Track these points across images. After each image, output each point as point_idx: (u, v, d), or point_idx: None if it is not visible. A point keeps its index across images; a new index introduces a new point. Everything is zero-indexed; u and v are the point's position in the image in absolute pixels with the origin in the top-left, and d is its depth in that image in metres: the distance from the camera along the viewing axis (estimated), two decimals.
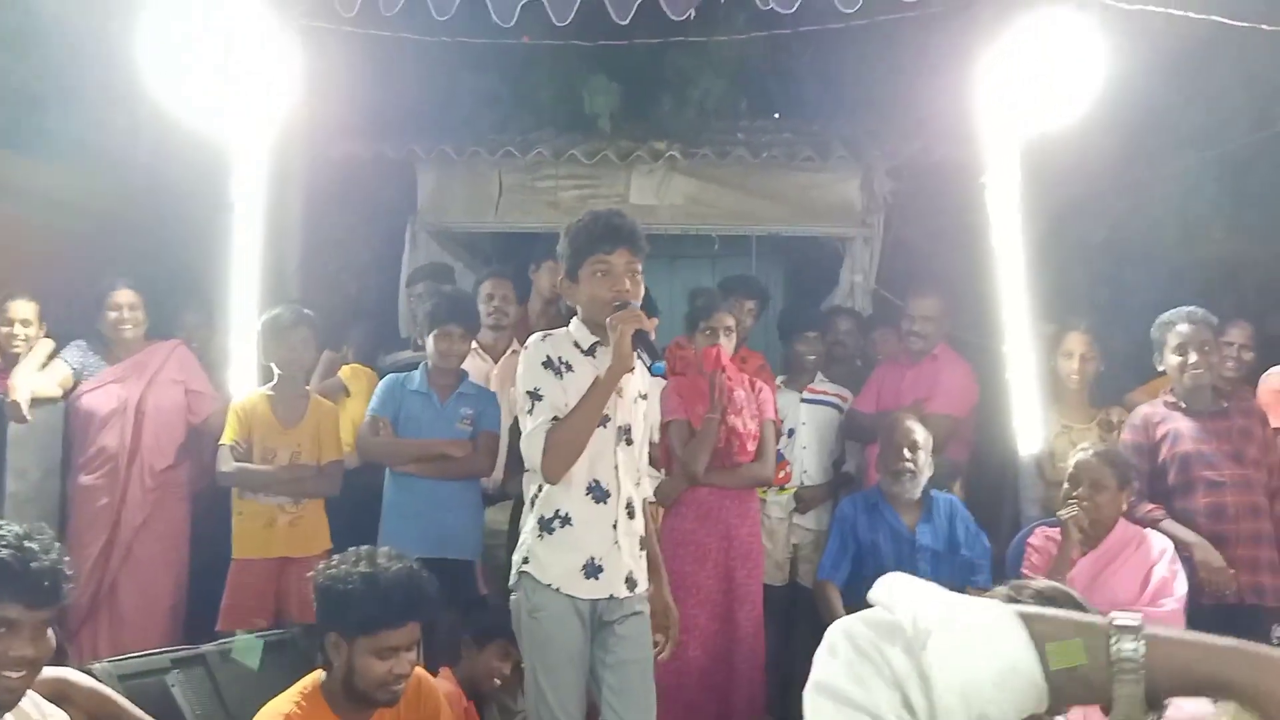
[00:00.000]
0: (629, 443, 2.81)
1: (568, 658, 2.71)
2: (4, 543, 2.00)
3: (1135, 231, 4.85)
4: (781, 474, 4.40)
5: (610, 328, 2.65)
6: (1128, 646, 0.90)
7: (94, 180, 4.56)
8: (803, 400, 4.57)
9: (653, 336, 2.68)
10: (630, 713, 2.76)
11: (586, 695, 2.80)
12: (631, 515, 2.81)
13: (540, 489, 2.76)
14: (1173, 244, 4.79)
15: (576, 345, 2.77)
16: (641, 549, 2.87)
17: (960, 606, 0.94)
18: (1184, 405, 3.73)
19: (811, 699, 0.95)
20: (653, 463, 3.97)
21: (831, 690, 0.94)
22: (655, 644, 2.90)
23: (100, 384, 4.25)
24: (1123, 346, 4.46)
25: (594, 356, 2.76)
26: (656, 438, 4.07)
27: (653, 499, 3.15)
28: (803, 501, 4.47)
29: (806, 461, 4.51)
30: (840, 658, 0.95)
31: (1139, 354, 4.20)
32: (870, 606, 0.99)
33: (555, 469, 2.68)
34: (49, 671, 2.60)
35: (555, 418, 2.68)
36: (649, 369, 2.71)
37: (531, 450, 2.68)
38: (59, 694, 2.55)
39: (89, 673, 2.75)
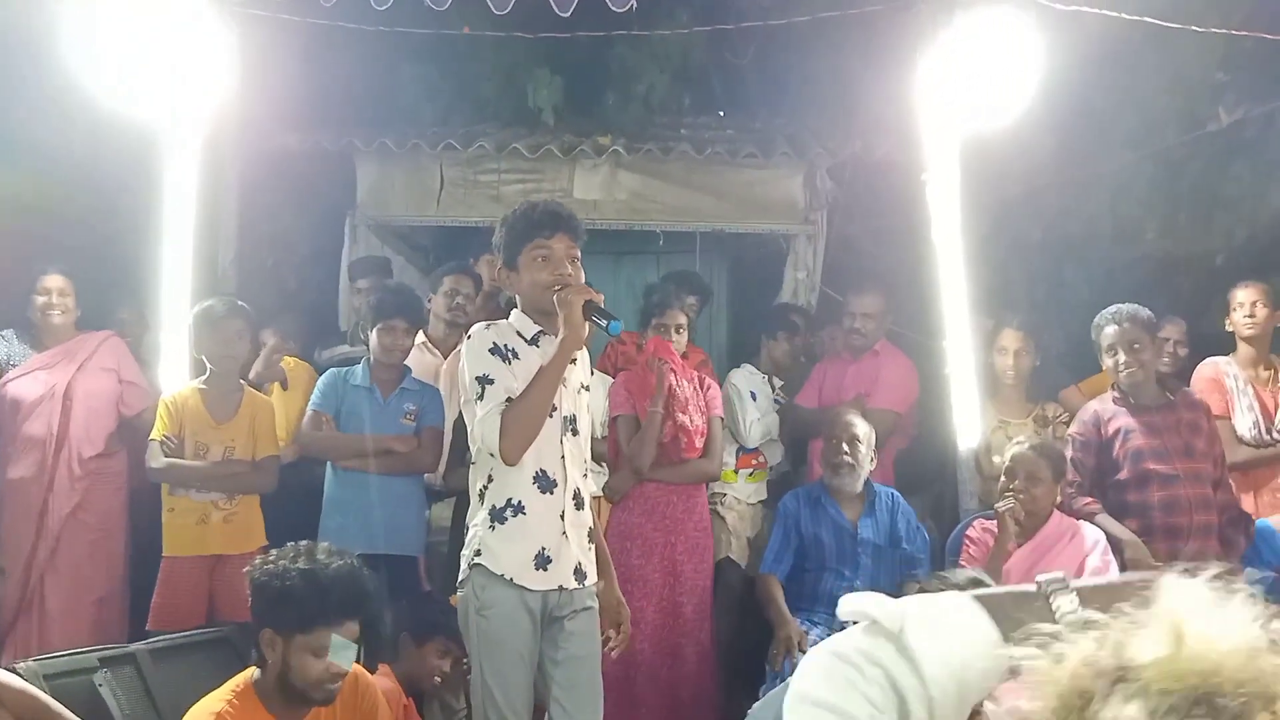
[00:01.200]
0: (574, 433, 2.80)
1: (517, 656, 2.68)
2: None
3: (1071, 230, 4.95)
4: (757, 461, 4.47)
5: (560, 303, 2.64)
6: (1065, 601, 0.97)
7: (22, 173, 4.43)
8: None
9: (601, 305, 2.67)
10: (579, 709, 2.75)
11: (533, 691, 2.78)
12: (579, 506, 2.79)
13: (489, 481, 2.73)
14: (1107, 242, 4.89)
15: (519, 335, 2.75)
16: (590, 542, 2.85)
17: (922, 600, 1.04)
18: (1131, 401, 3.80)
19: (790, 708, 1.02)
20: (598, 458, 3.97)
21: (808, 697, 1.01)
22: (606, 640, 2.89)
23: (27, 371, 4.14)
24: (1059, 343, 4.54)
25: (537, 345, 2.74)
26: (600, 432, 4.06)
27: (599, 493, 3.14)
28: None
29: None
30: (820, 667, 1.03)
31: (1075, 350, 4.28)
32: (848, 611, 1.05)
33: (514, 449, 2.64)
34: None
35: (509, 399, 2.65)
36: (607, 330, 2.69)
37: (488, 433, 2.63)
38: None
39: (14, 672, 2.68)
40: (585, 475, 2.86)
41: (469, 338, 2.76)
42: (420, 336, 4.24)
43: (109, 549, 4.14)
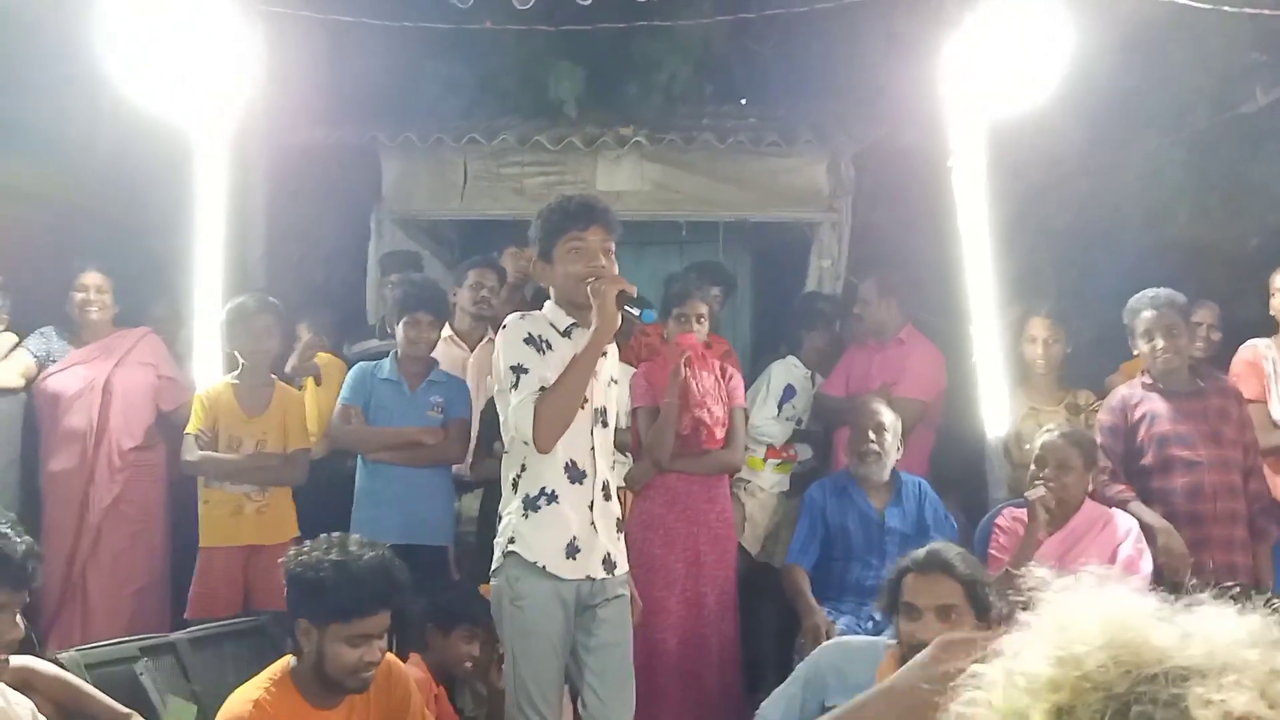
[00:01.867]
0: (604, 425, 2.83)
1: (549, 645, 2.72)
2: None
3: (1100, 215, 4.89)
4: (787, 454, 4.47)
5: (593, 293, 2.67)
6: None
7: (55, 170, 4.49)
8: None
9: (634, 295, 2.69)
10: (612, 696, 2.80)
11: (565, 679, 2.82)
12: (608, 497, 2.83)
13: (523, 470, 2.76)
14: (1138, 227, 4.83)
15: (553, 326, 2.78)
16: (619, 532, 2.88)
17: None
18: (1161, 386, 3.77)
19: None
20: (621, 447, 3.98)
21: None
22: None
23: (66, 366, 4.21)
24: (1090, 329, 4.50)
25: (570, 338, 2.77)
26: (624, 423, 4.08)
27: (622, 484, 3.17)
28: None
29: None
30: None
31: (1106, 337, 4.24)
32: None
33: (547, 437, 2.66)
34: (12, 659, 2.59)
35: (543, 389, 2.68)
36: (639, 318, 2.71)
37: (521, 421, 2.66)
38: (23, 682, 2.55)
39: (56, 662, 2.74)
40: (613, 467, 2.89)
41: (504, 328, 2.79)
42: (447, 330, 4.27)
43: (149, 540, 4.21)
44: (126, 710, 2.68)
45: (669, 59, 5.25)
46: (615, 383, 2.93)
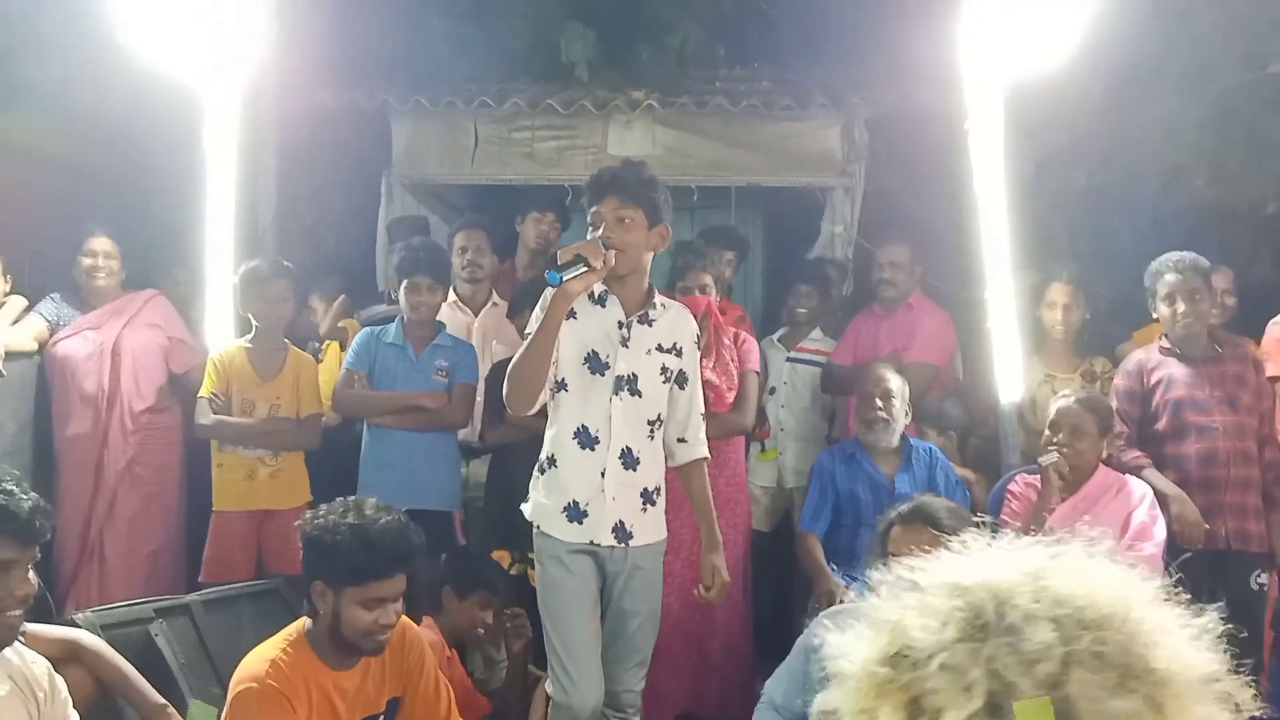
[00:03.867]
0: (635, 394, 2.83)
1: (567, 602, 2.79)
2: None
3: (1117, 178, 4.82)
4: (763, 429, 4.43)
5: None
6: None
7: (66, 133, 4.47)
8: (787, 359, 4.60)
9: (598, 264, 2.68)
10: (617, 661, 2.87)
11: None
12: (630, 467, 2.84)
13: (547, 432, 2.88)
14: (1155, 191, 4.77)
15: (589, 293, 2.82)
16: (646, 504, 2.89)
17: None
18: (1178, 351, 3.74)
19: None
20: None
21: None
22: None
23: (76, 331, 4.20)
24: (1105, 295, 4.46)
25: (603, 306, 2.85)
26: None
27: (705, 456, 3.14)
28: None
29: (785, 420, 4.56)
30: None
31: (1121, 302, 4.19)
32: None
33: (511, 401, 2.81)
34: (61, 631, 2.64)
35: None
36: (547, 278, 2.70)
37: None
38: (70, 654, 2.58)
39: (72, 623, 2.76)
40: (650, 436, 2.89)
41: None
42: (452, 295, 4.26)
43: (163, 503, 4.22)
44: (162, 701, 2.71)
45: (681, 21, 5.18)
46: (666, 351, 2.90)
